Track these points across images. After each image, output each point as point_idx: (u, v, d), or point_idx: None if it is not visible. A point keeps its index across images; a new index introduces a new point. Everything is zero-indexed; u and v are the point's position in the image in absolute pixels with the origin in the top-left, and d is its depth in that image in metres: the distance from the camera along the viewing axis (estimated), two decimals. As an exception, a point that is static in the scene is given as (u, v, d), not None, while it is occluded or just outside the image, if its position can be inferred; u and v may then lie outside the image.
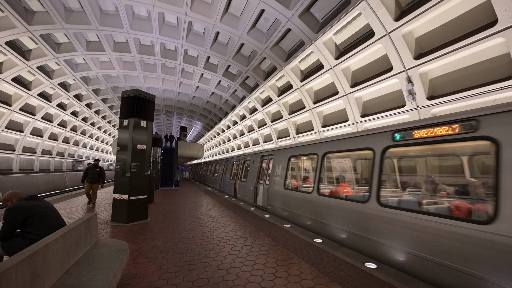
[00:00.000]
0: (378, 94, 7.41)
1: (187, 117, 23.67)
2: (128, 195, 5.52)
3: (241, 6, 8.18)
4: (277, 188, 6.76)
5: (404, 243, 3.18)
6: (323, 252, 3.78)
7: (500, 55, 4.63)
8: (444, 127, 3.04)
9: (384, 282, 2.80)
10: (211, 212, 6.87)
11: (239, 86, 13.43)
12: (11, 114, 13.75)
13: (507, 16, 4.12)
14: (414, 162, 5.41)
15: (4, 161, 15.40)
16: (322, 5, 7.04)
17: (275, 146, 14.09)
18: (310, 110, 10.24)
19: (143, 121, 5.93)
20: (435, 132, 3.13)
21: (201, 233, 4.73)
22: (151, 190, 8.33)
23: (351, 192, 4.99)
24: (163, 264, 3.24)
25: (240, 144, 21.29)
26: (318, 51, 7.98)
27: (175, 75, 13.92)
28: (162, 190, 13.01)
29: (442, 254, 2.74)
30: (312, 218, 5.07)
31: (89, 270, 2.12)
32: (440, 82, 5.77)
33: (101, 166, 8.02)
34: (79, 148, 24.89)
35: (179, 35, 9.89)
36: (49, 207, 2.63)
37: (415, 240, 3.04)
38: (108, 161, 36.71)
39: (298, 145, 6.35)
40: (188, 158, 26.52)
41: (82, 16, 8.85)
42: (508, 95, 4.52)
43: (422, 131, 3.29)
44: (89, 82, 15.26)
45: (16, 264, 1.43)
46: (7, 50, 9.81)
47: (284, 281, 2.83)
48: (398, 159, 5.48)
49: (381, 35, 6.12)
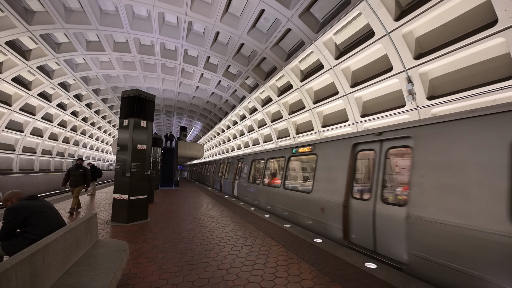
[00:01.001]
0: (378, 94, 7.41)
1: (187, 117, 23.67)
2: (128, 195, 5.52)
3: (241, 6, 8.18)
4: (243, 182, 9.88)
5: (286, 205, 6.44)
6: (323, 252, 3.78)
7: (500, 55, 4.63)
8: (307, 148, 6.10)
9: (384, 282, 2.80)
10: (211, 212, 6.87)
11: (239, 86, 13.43)
12: (11, 114, 13.75)
13: (507, 16, 4.12)
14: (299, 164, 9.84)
15: (4, 161, 15.39)
16: (322, 5, 7.04)
17: (275, 146, 14.13)
18: (310, 110, 10.24)
19: (143, 121, 5.93)
20: (304, 150, 6.24)
21: (201, 233, 4.73)
22: (151, 190, 8.31)
23: (278, 182, 7.41)
24: (163, 264, 3.24)
25: (240, 144, 21.28)
26: (318, 51, 7.98)
27: (175, 75, 13.92)
28: (162, 190, 13.01)
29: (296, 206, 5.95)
30: (256, 199, 8.40)
31: (89, 270, 2.12)
32: (440, 82, 5.77)
33: (85, 167, 7.03)
34: (79, 148, 24.89)
35: (179, 35, 9.90)
36: (49, 207, 2.63)
37: (289, 202, 6.27)
38: (108, 161, 36.72)
39: (255, 152, 9.69)
40: (188, 158, 26.53)
41: (82, 16, 8.85)
42: (508, 95, 4.52)
43: (301, 149, 6.39)
44: (89, 82, 15.26)
45: (16, 264, 1.43)
46: (7, 50, 9.80)
47: (284, 281, 2.83)
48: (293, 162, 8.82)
49: (381, 35, 6.12)
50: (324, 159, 5.37)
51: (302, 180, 9.63)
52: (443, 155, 3.03)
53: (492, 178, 2.54)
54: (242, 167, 10.44)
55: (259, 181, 8.71)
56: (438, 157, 3.07)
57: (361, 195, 4.35)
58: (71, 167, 6.92)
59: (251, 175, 9.54)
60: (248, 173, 9.52)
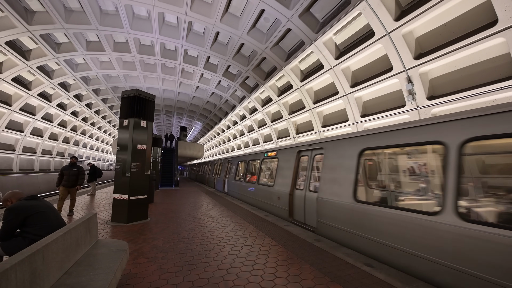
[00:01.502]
0: (378, 94, 7.41)
1: (187, 117, 23.66)
2: (128, 195, 5.52)
3: (241, 6, 8.18)
4: (231, 180, 11.80)
5: (259, 197, 8.13)
6: (323, 252, 3.78)
7: (500, 55, 4.63)
8: (273, 152, 7.97)
9: (384, 282, 2.80)
10: (211, 212, 6.87)
11: (239, 86, 13.43)
12: (11, 114, 13.75)
13: (507, 16, 4.12)
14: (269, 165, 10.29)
15: (4, 161, 15.39)
16: (322, 5, 7.04)
17: (275, 146, 14.14)
18: (310, 110, 10.24)
19: (143, 121, 5.93)
20: (271, 154, 8.15)
21: (201, 233, 4.73)
22: (151, 190, 8.31)
23: (254, 179, 9.29)
24: (163, 264, 3.24)
25: (240, 144, 21.28)
26: (318, 51, 7.97)
27: (175, 75, 13.92)
28: (162, 190, 13.01)
29: (265, 196, 7.68)
30: (238, 192, 10.47)
31: (89, 270, 2.12)
32: (440, 82, 5.77)
33: (80, 166, 6.54)
34: (79, 148, 24.89)
35: (179, 35, 9.89)
36: (49, 207, 2.63)
37: (261, 194, 7.98)
38: (108, 161, 36.73)
39: (239, 155, 11.65)
40: (188, 158, 26.53)
41: (82, 16, 8.85)
42: (508, 95, 4.52)
43: (270, 153, 8.25)
44: (89, 82, 15.26)
45: (16, 264, 1.43)
46: (7, 50, 9.80)
47: (284, 281, 2.83)
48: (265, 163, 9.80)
49: (381, 35, 6.12)
50: (281, 162, 7.23)
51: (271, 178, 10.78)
52: (333, 160, 5.00)
53: (349, 174, 4.41)
54: (231, 167, 12.34)
55: (242, 179, 10.51)
56: (331, 161, 5.04)
57: (299, 187, 6.17)
58: (64, 166, 6.41)
59: (237, 174, 11.58)
60: (235, 172, 11.62)
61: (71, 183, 6.25)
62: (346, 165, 4.53)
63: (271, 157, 8.17)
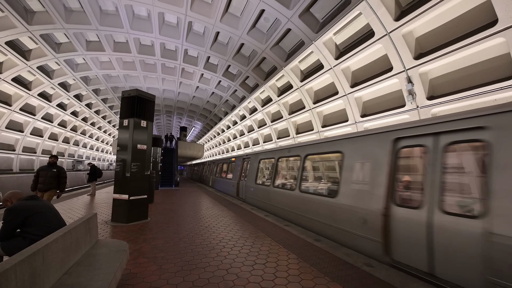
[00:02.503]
0: (378, 94, 7.41)
1: (187, 117, 23.67)
2: (128, 195, 5.52)
3: (241, 6, 8.18)
4: (219, 178, 14.06)
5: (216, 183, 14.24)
6: (323, 252, 3.78)
7: (500, 55, 4.63)
8: (235, 158, 11.70)
9: (384, 282, 2.80)
10: (211, 212, 6.88)
11: (239, 86, 13.43)
12: (11, 114, 13.76)
13: (507, 16, 4.12)
14: (231, 167, 12.32)
15: (4, 161, 15.40)
16: (322, 5, 7.04)
17: (275, 146, 14.14)
18: (310, 110, 10.24)
19: (143, 121, 5.92)
20: (233, 159, 11.89)
21: (201, 233, 4.73)
22: (151, 190, 8.31)
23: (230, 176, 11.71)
24: (163, 264, 3.24)
25: (240, 144, 21.28)
26: (318, 51, 7.97)
27: (175, 75, 13.92)
28: (162, 190, 13.01)
29: (224, 187, 12.53)
30: (223, 188, 12.63)
31: (89, 270, 2.12)
32: (440, 82, 5.77)
33: (60, 166, 5.69)
34: (79, 148, 24.90)
35: (179, 35, 9.89)
36: (49, 207, 2.63)
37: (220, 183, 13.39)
38: (108, 161, 36.73)
39: (225, 157, 14.16)
40: (188, 158, 26.50)
41: (82, 16, 8.85)
42: (508, 95, 4.52)
43: (233, 158, 11.93)
44: (89, 82, 15.26)
45: (16, 264, 1.43)
46: (7, 50, 9.81)
47: (284, 281, 2.83)
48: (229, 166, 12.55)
49: (381, 35, 6.12)
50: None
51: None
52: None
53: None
54: (221, 168, 14.56)
55: (223, 176, 12.95)
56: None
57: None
58: (41, 167, 5.45)
59: (221, 172, 14.07)
60: (220, 171, 14.28)
61: (46, 186, 5.30)
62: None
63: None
